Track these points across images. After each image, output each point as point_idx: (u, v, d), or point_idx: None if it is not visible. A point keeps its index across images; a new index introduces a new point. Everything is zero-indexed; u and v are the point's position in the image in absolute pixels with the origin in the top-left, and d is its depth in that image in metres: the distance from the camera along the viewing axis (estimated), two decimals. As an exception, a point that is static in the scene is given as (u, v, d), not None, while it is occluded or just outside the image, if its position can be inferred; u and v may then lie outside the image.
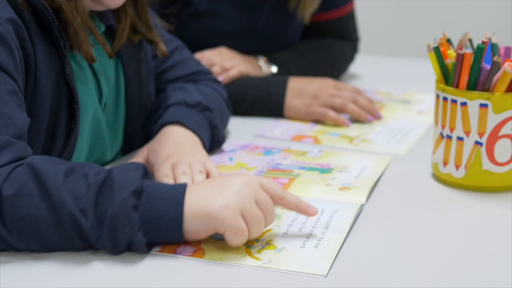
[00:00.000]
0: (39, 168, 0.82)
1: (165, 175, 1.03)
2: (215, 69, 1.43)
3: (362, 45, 1.81)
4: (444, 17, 2.96)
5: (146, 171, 0.86)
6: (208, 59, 1.45)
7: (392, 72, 1.83)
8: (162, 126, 1.15)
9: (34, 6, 0.95)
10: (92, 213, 0.80)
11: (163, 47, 1.18)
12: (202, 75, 1.30)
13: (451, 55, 1.06)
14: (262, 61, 1.53)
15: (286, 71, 1.54)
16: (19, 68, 0.91)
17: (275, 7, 1.57)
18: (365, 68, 1.79)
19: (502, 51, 1.08)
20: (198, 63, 1.32)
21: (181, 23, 1.46)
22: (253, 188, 0.85)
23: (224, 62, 1.45)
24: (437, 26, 2.90)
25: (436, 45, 1.06)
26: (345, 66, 1.70)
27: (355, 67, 1.77)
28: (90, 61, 1.02)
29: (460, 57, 1.02)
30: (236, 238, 0.83)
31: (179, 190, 0.83)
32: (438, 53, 1.06)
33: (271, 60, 1.54)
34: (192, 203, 0.83)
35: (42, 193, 0.81)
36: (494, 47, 1.07)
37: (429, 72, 1.09)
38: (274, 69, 1.53)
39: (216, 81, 1.31)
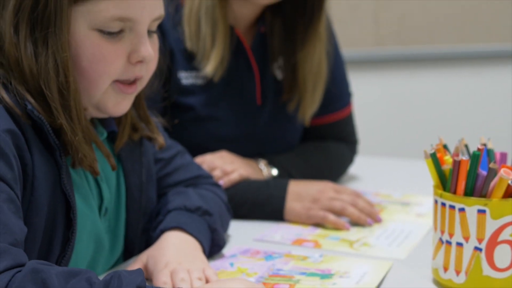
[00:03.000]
0: (40, 271, 0.82)
1: (163, 283, 1.03)
2: (216, 173, 1.45)
3: (361, 146, 1.83)
4: (441, 118, 3.01)
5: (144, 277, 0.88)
6: (209, 163, 1.47)
7: (391, 173, 1.84)
8: (162, 231, 1.16)
9: (33, 119, 0.98)
10: None
11: (161, 140, 1.20)
12: (203, 179, 1.31)
13: (448, 161, 1.08)
14: (262, 164, 1.55)
15: (287, 173, 1.55)
16: (16, 177, 0.93)
17: (274, 111, 1.60)
18: (364, 169, 1.81)
19: (497, 157, 1.10)
20: (198, 167, 1.34)
21: (183, 127, 1.49)
22: None
23: (225, 166, 1.47)
24: (435, 127, 2.96)
25: (433, 151, 1.08)
26: (344, 168, 1.72)
27: (354, 168, 1.78)
28: (94, 174, 1.04)
29: (457, 164, 1.04)
30: None
31: None
32: (435, 159, 1.08)
33: (271, 163, 1.56)
34: None
35: None
36: (490, 153, 1.09)
37: (428, 173, 1.10)
38: (274, 171, 1.55)
39: (216, 184, 1.33)
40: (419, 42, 2.91)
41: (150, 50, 1.05)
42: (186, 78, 1.53)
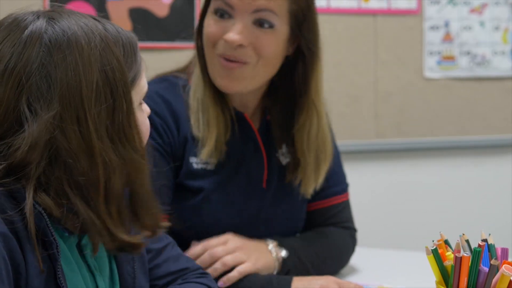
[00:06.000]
0: None
1: None
2: (217, 265, 1.44)
3: (362, 237, 1.83)
4: (442, 209, 3.01)
5: None
6: (211, 253, 1.46)
7: (393, 266, 1.83)
8: None
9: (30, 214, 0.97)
10: None
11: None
12: (191, 272, 1.31)
13: (449, 256, 1.09)
14: (271, 245, 1.54)
15: (296, 256, 1.54)
16: (4, 278, 0.92)
17: (278, 193, 1.61)
18: (365, 262, 1.80)
19: (499, 252, 1.10)
20: (188, 259, 1.34)
21: (192, 210, 1.50)
22: None
23: (226, 259, 1.45)
24: (435, 218, 2.95)
25: (434, 247, 1.08)
26: (348, 256, 1.71)
27: (355, 261, 1.77)
28: (93, 252, 1.05)
29: (458, 260, 1.04)
30: None
31: None
32: (437, 256, 1.08)
33: (281, 245, 1.55)
34: None
35: None
36: (491, 248, 1.09)
37: (430, 265, 1.10)
38: (284, 253, 1.54)
39: (204, 274, 1.32)
40: (419, 134, 2.94)
41: None
42: (196, 163, 1.56)
